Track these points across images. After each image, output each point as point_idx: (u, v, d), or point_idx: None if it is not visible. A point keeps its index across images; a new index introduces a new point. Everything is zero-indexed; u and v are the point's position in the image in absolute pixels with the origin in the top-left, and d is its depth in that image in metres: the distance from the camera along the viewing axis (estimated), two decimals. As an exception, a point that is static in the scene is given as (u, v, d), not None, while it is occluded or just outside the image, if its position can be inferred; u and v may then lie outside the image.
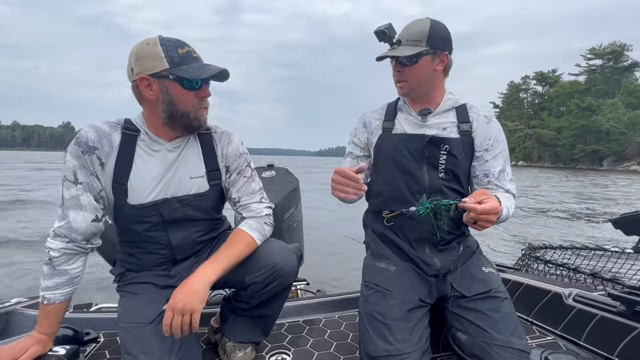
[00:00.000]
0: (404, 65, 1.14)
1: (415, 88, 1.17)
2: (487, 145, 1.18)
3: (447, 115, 1.21)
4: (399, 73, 1.16)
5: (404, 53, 1.11)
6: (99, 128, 1.00)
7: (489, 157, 1.19)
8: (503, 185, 1.18)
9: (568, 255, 1.94)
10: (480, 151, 1.19)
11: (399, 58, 1.13)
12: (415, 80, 1.15)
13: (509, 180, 1.19)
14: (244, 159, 1.17)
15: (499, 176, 1.18)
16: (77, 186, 0.98)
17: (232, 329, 1.19)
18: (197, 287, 0.93)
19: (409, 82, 1.16)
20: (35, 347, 0.95)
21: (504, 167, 1.19)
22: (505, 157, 1.21)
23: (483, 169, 1.19)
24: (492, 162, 1.18)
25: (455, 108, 1.22)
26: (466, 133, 1.18)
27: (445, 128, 1.19)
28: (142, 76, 0.96)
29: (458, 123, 1.19)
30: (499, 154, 1.19)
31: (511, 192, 1.19)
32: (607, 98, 49.99)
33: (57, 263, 0.97)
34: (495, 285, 1.13)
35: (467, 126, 1.19)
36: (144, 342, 0.95)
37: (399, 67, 1.15)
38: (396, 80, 1.19)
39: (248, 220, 1.14)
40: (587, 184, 19.05)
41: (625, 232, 1.09)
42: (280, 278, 1.10)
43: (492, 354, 0.97)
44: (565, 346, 1.28)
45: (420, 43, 1.11)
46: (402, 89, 1.19)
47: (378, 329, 1.04)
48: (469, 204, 0.93)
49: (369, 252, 1.32)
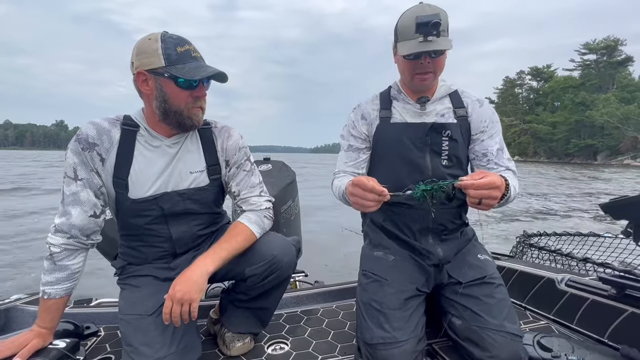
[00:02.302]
0: (434, 57, 1.08)
1: (436, 79, 1.16)
2: (483, 127, 1.19)
3: (443, 102, 1.21)
4: (428, 65, 1.10)
5: (446, 46, 1.05)
6: (98, 125, 1.01)
7: (485, 137, 1.19)
8: (502, 163, 1.18)
9: (562, 242, 1.97)
10: (477, 134, 1.20)
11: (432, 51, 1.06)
12: (439, 71, 1.13)
13: (507, 159, 1.19)
14: (243, 152, 1.18)
15: (498, 154, 1.18)
16: (77, 182, 0.99)
17: (231, 320, 1.21)
18: (196, 277, 0.95)
19: (435, 74, 1.13)
20: (35, 340, 0.96)
21: (501, 146, 1.20)
22: (500, 137, 1.21)
23: (481, 148, 1.19)
24: (489, 142, 1.19)
25: (449, 94, 1.22)
26: (462, 118, 1.19)
27: (443, 114, 1.19)
28: (140, 71, 0.97)
29: (454, 108, 1.20)
30: (495, 133, 1.20)
31: (511, 169, 1.18)
32: (601, 93, 50.23)
33: (57, 258, 0.98)
34: (490, 271, 1.15)
35: (463, 111, 1.19)
36: (144, 334, 0.96)
37: (429, 59, 1.09)
38: (417, 73, 1.11)
39: (248, 214, 1.15)
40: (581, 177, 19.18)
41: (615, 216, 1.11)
42: (279, 270, 1.11)
43: (486, 338, 1.00)
44: (558, 330, 1.31)
45: (446, 32, 1.07)
46: (426, 81, 1.13)
47: (375, 317, 1.06)
48: (465, 182, 0.89)
49: (367, 241, 1.33)
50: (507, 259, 1.83)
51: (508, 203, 1.06)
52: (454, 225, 1.22)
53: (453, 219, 1.22)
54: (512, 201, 1.07)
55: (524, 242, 2.11)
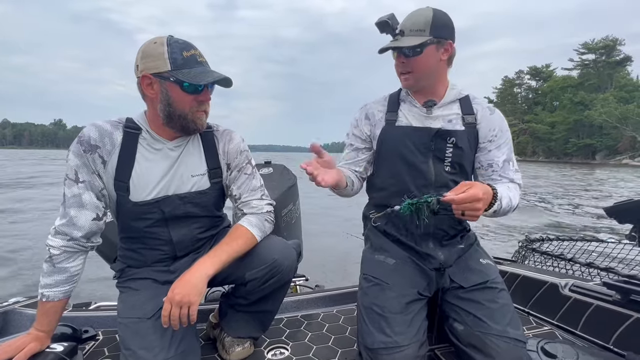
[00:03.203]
0: (408, 56, 1.10)
1: (420, 79, 1.15)
2: (491, 136, 1.18)
3: (452, 107, 1.20)
4: (403, 64, 1.13)
5: (408, 43, 1.07)
6: (100, 127, 1.01)
7: (492, 147, 1.18)
8: (507, 175, 1.16)
9: (564, 247, 1.96)
10: (484, 142, 1.18)
11: (402, 49, 1.10)
12: (420, 72, 1.13)
13: (514, 171, 1.17)
14: (244, 156, 1.18)
15: (503, 166, 1.17)
16: (79, 185, 0.99)
17: (230, 324, 1.20)
18: (196, 280, 0.94)
19: (414, 74, 1.13)
20: (33, 344, 0.95)
21: (509, 157, 1.18)
22: (509, 147, 1.19)
23: (487, 159, 1.18)
24: (496, 152, 1.17)
25: (459, 99, 1.20)
26: (471, 125, 1.17)
27: (451, 120, 1.18)
28: (145, 74, 0.97)
29: (462, 115, 1.18)
30: (503, 143, 1.18)
31: (516, 181, 1.16)
32: (600, 92, 50.56)
33: (57, 261, 0.97)
34: (492, 276, 1.14)
35: (472, 118, 1.18)
36: (143, 337, 0.95)
37: (403, 59, 1.12)
38: (400, 72, 1.16)
39: (249, 217, 1.14)
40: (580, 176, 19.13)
41: (619, 220, 1.10)
42: (280, 274, 1.10)
43: (489, 343, 0.98)
44: (562, 336, 1.29)
45: (424, 32, 1.07)
46: (407, 81, 1.16)
47: (376, 321, 1.05)
48: (447, 197, 0.90)
49: (368, 244, 1.32)
50: (510, 264, 1.82)
51: (502, 215, 1.05)
52: (454, 230, 1.21)
53: (454, 224, 1.21)
54: (507, 213, 1.06)
55: (526, 247, 2.09)
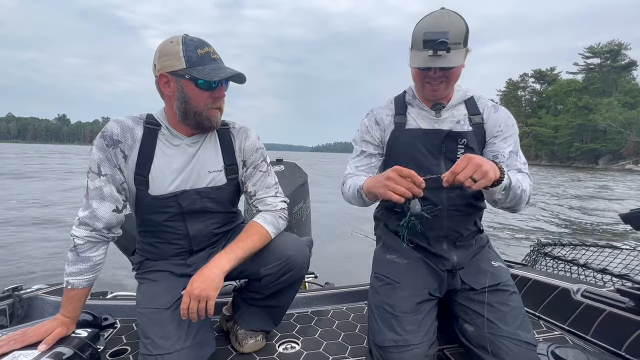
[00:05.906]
0: (445, 69, 1.06)
1: (449, 88, 1.13)
2: (497, 132, 1.18)
3: (459, 108, 1.21)
4: (439, 77, 1.08)
5: (458, 62, 1.03)
6: (122, 122, 1.05)
7: (497, 140, 1.18)
8: (514, 166, 1.15)
9: (576, 252, 1.94)
10: (491, 138, 1.19)
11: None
12: (453, 81, 1.11)
13: (523, 163, 1.16)
14: (260, 153, 1.20)
15: (510, 157, 1.15)
16: (101, 178, 1.02)
17: (244, 317, 1.23)
18: (213, 275, 0.97)
19: (447, 84, 1.10)
20: (60, 328, 1.00)
21: (515, 149, 1.17)
22: (515, 140, 1.18)
23: (492, 150, 1.18)
24: (502, 144, 1.17)
25: (465, 101, 1.21)
26: (478, 125, 1.18)
27: (459, 121, 1.19)
28: (162, 73, 1.00)
29: (469, 115, 1.19)
30: (508, 136, 1.18)
31: (524, 171, 1.14)
32: (605, 97, 49.52)
33: (81, 250, 1.02)
34: (504, 278, 1.14)
35: (479, 118, 1.19)
36: (161, 327, 0.99)
37: (439, 72, 1.06)
38: (428, 82, 1.11)
39: (263, 214, 1.17)
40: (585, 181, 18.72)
41: (635, 227, 1.09)
42: (294, 270, 1.13)
43: (500, 345, 0.99)
44: (573, 341, 1.29)
45: (460, 45, 1.04)
46: (438, 92, 1.12)
47: (387, 320, 1.06)
48: (446, 175, 0.91)
49: (380, 244, 1.33)
50: (520, 267, 1.81)
51: (515, 197, 1.02)
52: (468, 231, 1.21)
53: (467, 225, 1.21)
54: (521, 198, 1.03)
55: (538, 251, 2.07)
